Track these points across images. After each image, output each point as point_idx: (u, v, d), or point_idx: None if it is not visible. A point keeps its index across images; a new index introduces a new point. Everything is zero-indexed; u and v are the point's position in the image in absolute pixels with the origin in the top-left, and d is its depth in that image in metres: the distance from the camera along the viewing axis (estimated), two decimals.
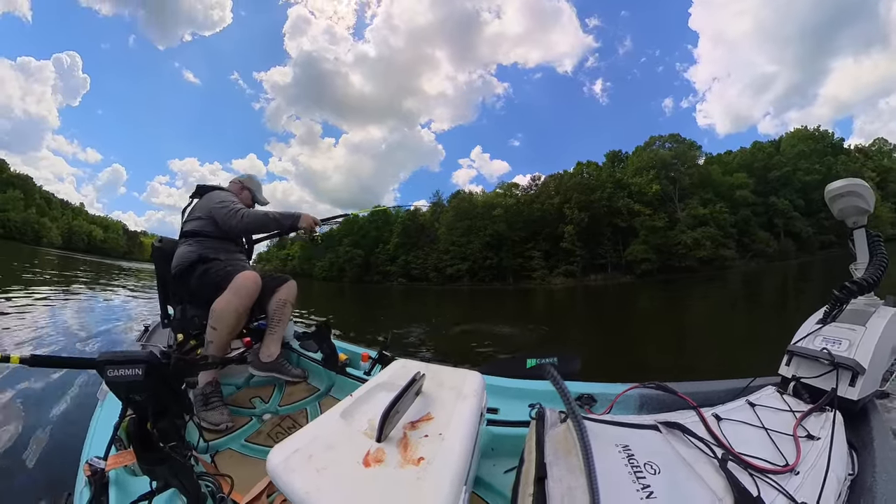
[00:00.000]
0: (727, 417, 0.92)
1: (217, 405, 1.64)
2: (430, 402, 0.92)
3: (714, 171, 46.08)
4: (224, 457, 1.41)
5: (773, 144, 50.83)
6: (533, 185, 57.70)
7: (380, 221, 68.70)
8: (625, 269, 43.67)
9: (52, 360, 0.74)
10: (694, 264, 39.12)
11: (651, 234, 42.22)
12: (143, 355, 0.73)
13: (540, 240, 49.07)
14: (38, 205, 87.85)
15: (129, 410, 0.77)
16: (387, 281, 59.16)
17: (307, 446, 0.75)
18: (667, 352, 5.01)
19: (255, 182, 2.40)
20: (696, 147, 49.38)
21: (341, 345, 2.22)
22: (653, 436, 0.79)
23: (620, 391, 1.31)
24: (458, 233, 54.53)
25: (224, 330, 1.69)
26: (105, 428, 1.22)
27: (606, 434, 0.77)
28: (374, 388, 1.00)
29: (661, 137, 50.49)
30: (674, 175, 45.78)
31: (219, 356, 1.66)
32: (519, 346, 5.79)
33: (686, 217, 42.58)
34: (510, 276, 49.22)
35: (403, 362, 1.20)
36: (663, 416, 0.89)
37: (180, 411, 0.82)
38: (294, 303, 2.10)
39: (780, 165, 45.34)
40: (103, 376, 0.71)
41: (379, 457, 0.72)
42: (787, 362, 1.16)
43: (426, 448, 0.75)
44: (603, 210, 45.43)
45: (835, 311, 1.20)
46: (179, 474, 0.83)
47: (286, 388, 1.93)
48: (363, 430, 0.81)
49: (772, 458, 0.79)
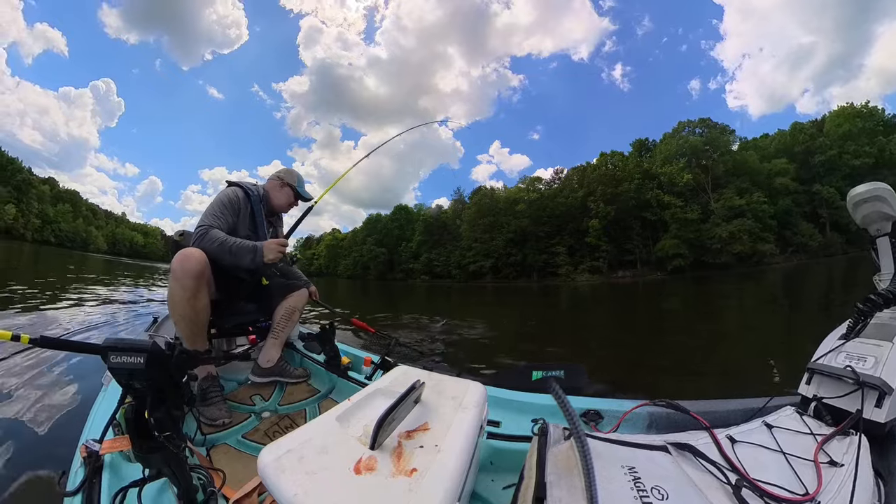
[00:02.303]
0: (742, 440, 0.88)
1: (215, 400, 1.61)
2: (429, 412, 0.91)
3: (750, 158, 43.11)
4: (220, 451, 1.41)
5: (815, 125, 46.66)
6: (556, 178, 56.73)
7: (402, 220, 69.68)
8: (655, 266, 42.15)
9: (60, 343, 0.77)
10: (729, 260, 37.05)
11: (682, 228, 40.40)
12: (146, 344, 0.74)
13: (564, 235, 48.13)
14: (85, 216, 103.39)
15: (129, 397, 0.79)
16: (410, 278, 59.95)
17: (300, 448, 0.75)
18: (687, 360, 4.74)
19: (295, 175, 2.17)
20: (729, 131, 46.56)
21: (345, 348, 2.23)
22: (661, 458, 0.76)
23: (629, 408, 1.27)
24: (480, 229, 54.34)
25: (181, 322, 1.56)
26: (105, 413, 1.24)
27: (612, 454, 0.74)
28: (372, 394, 0.99)
29: (690, 122, 47.99)
30: (706, 163, 43.47)
31: (191, 349, 1.57)
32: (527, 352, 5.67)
33: (720, 208, 40.27)
34: (534, 273, 48.63)
35: (405, 369, 1.19)
36: (673, 436, 0.86)
37: (179, 402, 0.82)
38: (302, 310, 2.07)
39: (824, 148, 41.49)
40: (106, 362, 0.73)
41: (370, 465, 0.72)
42: (807, 381, 1.10)
43: (420, 459, 0.74)
44: (631, 203, 43.79)
45: (858, 325, 1.14)
46: (172, 464, 0.84)
47: (287, 387, 1.95)
48: (358, 435, 0.81)
49: (790, 486, 0.75)
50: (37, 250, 47.30)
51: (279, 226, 2.25)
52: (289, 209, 2.17)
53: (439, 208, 67.84)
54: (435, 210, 66.67)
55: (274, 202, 2.08)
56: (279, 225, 2.25)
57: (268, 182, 2.13)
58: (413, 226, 66.87)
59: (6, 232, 69.47)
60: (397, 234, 67.94)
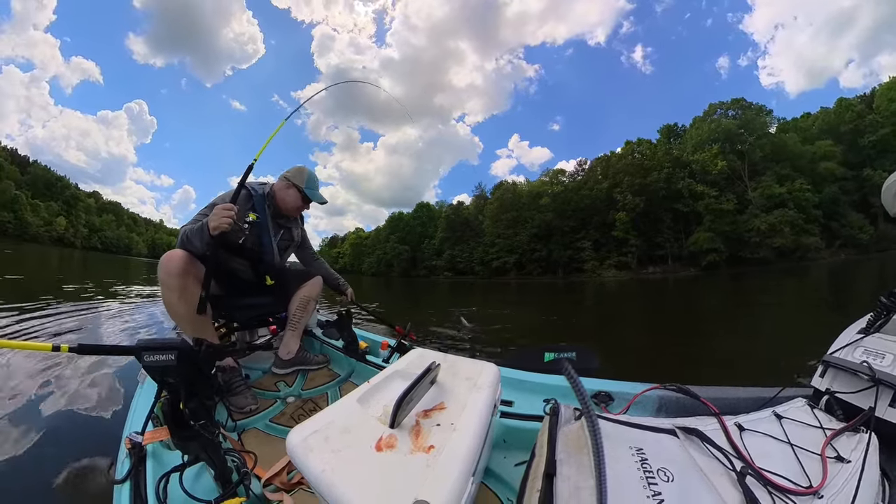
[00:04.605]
0: (750, 428, 0.88)
1: (241, 389, 1.66)
2: (444, 392, 0.95)
3: (790, 141, 39.81)
4: (249, 435, 1.48)
5: (864, 100, 42.18)
6: (579, 170, 55.37)
7: (424, 217, 70.18)
8: (687, 261, 40.29)
9: (97, 349, 0.82)
10: (769, 255, 34.58)
11: (717, 220, 38.24)
12: (175, 342, 0.80)
13: (590, 229, 46.87)
14: (127, 224, 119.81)
15: (164, 392, 0.85)
16: (433, 275, 60.18)
17: (325, 428, 0.80)
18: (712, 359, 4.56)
19: (304, 175, 2.00)
20: (766, 112, 43.32)
21: (362, 333, 2.31)
22: (669, 441, 0.78)
23: (639, 391, 1.28)
24: (503, 225, 53.85)
25: (179, 321, 1.60)
26: (144, 407, 1.33)
27: (621, 435, 0.77)
28: (390, 376, 1.04)
29: (722, 104, 45.02)
30: (741, 148, 40.83)
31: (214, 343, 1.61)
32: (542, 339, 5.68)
33: (759, 198, 37.86)
34: (560, 269, 47.79)
35: (421, 352, 1.23)
36: (682, 420, 0.87)
37: (210, 393, 0.90)
38: (318, 299, 2.09)
39: (876, 127, 37.42)
40: (141, 362, 0.78)
41: (391, 442, 0.76)
42: (821, 373, 1.07)
43: (437, 437, 0.78)
44: (661, 193, 41.93)
45: (880, 320, 1.10)
46: (209, 449, 0.91)
47: (309, 373, 2.03)
48: (378, 415, 0.86)
49: (795, 478, 0.75)
50: (85, 256, 52.09)
51: (294, 227, 2.13)
52: (298, 212, 2.07)
53: (460, 204, 67.67)
54: (453, 207, 66.42)
55: (280, 204, 1.98)
56: (294, 227, 2.13)
57: (276, 182, 2.04)
58: (435, 223, 67.07)
59: (58, 240, 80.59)
60: (419, 232, 68.37)
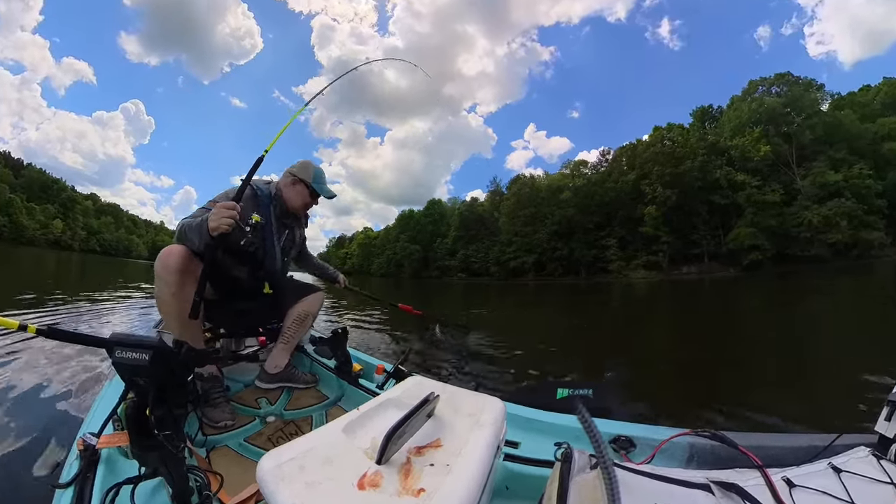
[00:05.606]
0: (801, 484, 0.81)
1: (219, 402, 1.66)
2: (442, 427, 0.90)
3: (847, 118, 36.41)
4: (220, 453, 1.46)
5: None
6: (603, 161, 52.68)
7: (436, 215, 69.89)
8: (726, 260, 37.80)
9: (67, 335, 0.84)
10: (823, 252, 31.80)
11: (760, 213, 35.52)
12: (153, 341, 0.78)
13: (615, 226, 45.23)
14: (127, 226, 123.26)
15: (131, 393, 0.83)
16: (446, 276, 59.61)
17: (302, 456, 0.76)
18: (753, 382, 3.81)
19: (311, 170, 2.00)
20: (816, 87, 40.04)
21: (357, 354, 2.25)
22: (703, 498, 0.73)
23: (666, 437, 1.17)
24: (520, 222, 52.41)
25: (168, 318, 1.61)
26: (106, 407, 1.29)
27: (644, 489, 0.73)
28: (383, 404, 1.00)
29: (764, 80, 42.21)
30: (788, 130, 37.57)
31: (198, 349, 1.69)
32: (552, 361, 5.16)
33: (809, 187, 34.86)
34: (582, 269, 46.08)
35: (419, 380, 1.20)
36: (717, 473, 0.82)
37: (182, 401, 0.86)
38: (317, 315, 2.11)
39: None
40: (111, 356, 0.77)
41: (376, 481, 0.70)
42: (887, 416, 0.96)
43: (430, 478, 0.72)
44: (695, 184, 39.49)
45: None
46: (169, 464, 0.88)
47: (294, 392, 2.00)
48: (364, 448, 0.81)
49: None
50: (83, 259, 54.79)
51: (299, 227, 2.16)
52: (305, 209, 2.08)
53: (474, 201, 65.53)
54: (466, 204, 64.26)
55: (286, 202, 1.97)
56: (299, 227, 2.15)
57: (281, 179, 2.04)
58: (447, 221, 66.37)
59: (55, 243, 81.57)
60: (431, 230, 67.64)
